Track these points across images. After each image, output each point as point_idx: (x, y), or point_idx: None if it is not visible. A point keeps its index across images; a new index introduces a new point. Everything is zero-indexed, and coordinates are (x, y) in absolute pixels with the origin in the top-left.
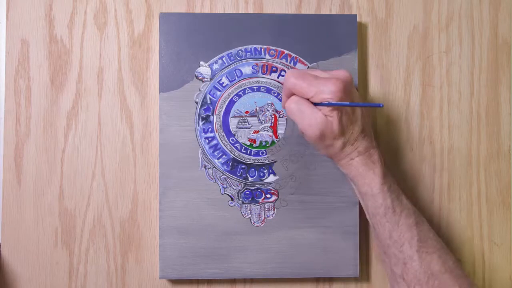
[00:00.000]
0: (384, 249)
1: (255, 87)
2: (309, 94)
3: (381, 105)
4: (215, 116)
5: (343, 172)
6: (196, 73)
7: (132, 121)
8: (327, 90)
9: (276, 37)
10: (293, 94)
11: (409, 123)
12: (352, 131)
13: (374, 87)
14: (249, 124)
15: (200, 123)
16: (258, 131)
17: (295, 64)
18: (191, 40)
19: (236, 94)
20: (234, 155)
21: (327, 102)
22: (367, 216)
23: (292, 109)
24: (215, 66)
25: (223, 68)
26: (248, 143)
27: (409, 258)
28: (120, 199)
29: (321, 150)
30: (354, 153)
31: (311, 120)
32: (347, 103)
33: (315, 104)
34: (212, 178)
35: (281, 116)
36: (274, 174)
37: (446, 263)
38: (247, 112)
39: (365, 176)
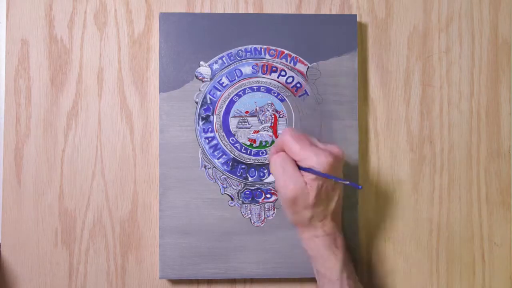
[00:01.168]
0: None
1: (255, 87)
2: (298, 156)
3: (359, 187)
4: (215, 116)
5: (305, 247)
6: (196, 73)
7: (132, 121)
8: (316, 160)
9: (276, 37)
10: (283, 150)
11: (409, 123)
12: (324, 208)
13: (374, 87)
14: (249, 124)
15: (200, 123)
16: (258, 131)
17: (295, 64)
18: (191, 40)
19: (236, 94)
20: (234, 155)
21: (311, 170)
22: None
23: (276, 163)
24: (215, 66)
25: (223, 68)
26: (248, 143)
27: None
28: (120, 199)
29: (288, 214)
30: (320, 231)
31: (290, 181)
32: (329, 175)
33: (301, 168)
34: (212, 178)
35: (281, 116)
36: None
37: None
38: (247, 112)
39: (327, 259)
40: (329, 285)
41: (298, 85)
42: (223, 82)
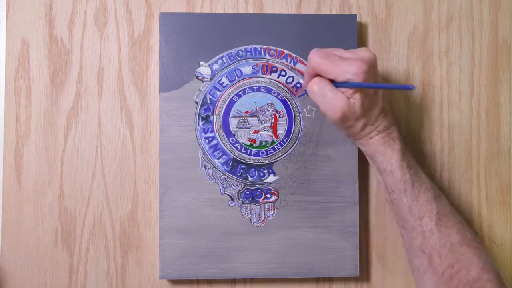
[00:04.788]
0: (402, 223)
1: (255, 87)
2: (333, 74)
3: (412, 87)
4: (215, 116)
5: (361, 148)
6: (196, 73)
7: (132, 121)
8: (352, 71)
9: (276, 37)
10: (316, 74)
11: (409, 123)
12: (373, 112)
13: None
14: (249, 124)
15: (200, 123)
16: (258, 131)
17: (295, 64)
18: (191, 40)
19: (236, 94)
20: (234, 155)
21: (351, 83)
22: (385, 192)
23: (314, 91)
24: (215, 66)
25: (223, 68)
26: (248, 143)
27: (428, 231)
28: (120, 199)
29: (341, 130)
30: (373, 132)
31: (333, 103)
32: (373, 84)
33: (338, 84)
34: (212, 178)
35: (281, 116)
36: (274, 174)
37: (464, 236)
38: (247, 112)
39: (384, 153)
40: (390, 177)
41: (298, 85)
42: (223, 82)
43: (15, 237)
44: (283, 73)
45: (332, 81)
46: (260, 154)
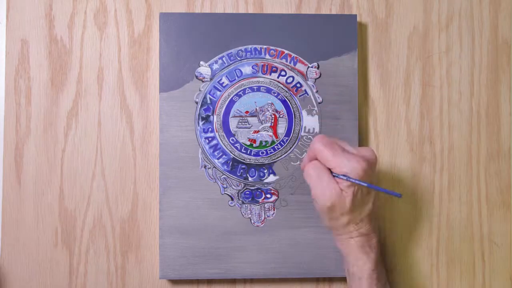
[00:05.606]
0: None
1: (255, 87)
2: (332, 164)
3: (399, 195)
4: (215, 116)
5: (338, 246)
6: (196, 73)
7: (132, 121)
8: (350, 166)
9: (276, 37)
10: (315, 158)
11: (409, 123)
12: (361, 212)
13: (374, 87)
14: (249, 124)
15: (200, 123)
16: (258, 131)
17: (295, 64)
18: (191, 40)
19: (236, 94)
20: (234, 155)
21: (346, 176)
22: None
23: (310, 174)
24: (215, 66)
25: (223, 68)
26: (248, 143)
27: None
28: (120, 199)
29: (324, 220)
30: (355, 233)
31: (326, 190)
32: (366, 183)
33: (335, 175)
34: (212, 178)
35: (281, 116)
36: (274, 174)
37: None
38: (247, 112)
39: (359, 257)
40: (357, 284)
41: (298, 85)
42: (223, 82)
43: (15, 237)
44: (283, 73)
45: (330, 171)
46: (260, 154)
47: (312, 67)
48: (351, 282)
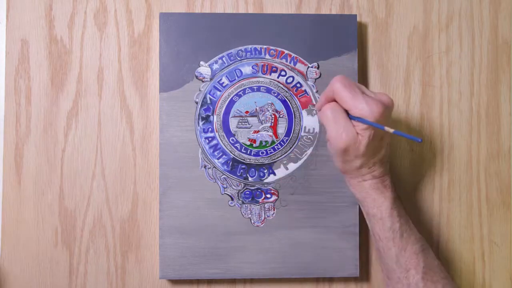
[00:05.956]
0: (388, 273)
1: (255, 87)
2: (350, 104)
3: (419, 140)
4: (215, 116)
5: (352, 191)
6: (196, 73)
7: (132, 121)
8: (368, 109)
9: (276, 37)
10: (333, 99)
11: (409, 123)
12: (374, 156)
13: (374, 87)
14: (249, 124)
15: (200, 123)
16: (258, 131)
17: (295, 64)
18: (191, 40)
19: (236, 94)
20: (234, 155)
21: (364, 119)
22: (373, 239)
23: (327, 115)
24: (215, 66)
25: (223, 68)
26: (248, 143)
27: (414, 285)
28: (120, 199)
29: (337, 162)
30: (367, 175)
31: (342, 132)
32: (383, 126)
33: (352, 117)
34: (212, 178)
35: (281, 116)
36: (274, 174)
37: None
38: (247, 112)
39: (375, 198)
40: (379, 224)
41: (298, 85)
42: (223, 82)
43: (15, 237)
44: (283, 73)
45: (347, 113)
46: (260, 154)
47: (312, 67)
48: (373, 224)
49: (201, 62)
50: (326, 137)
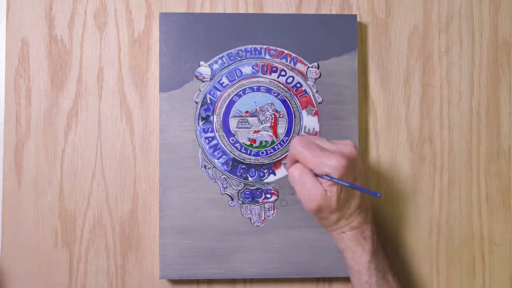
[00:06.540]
0: None
1: (255, 87)
2: (311, 165)
3: (378, 195)
4: (215, 116)
5: (334, 242)
6: (196, 73)
7: (132, 121)
8: (330, 165)
9: (276, 37)
10: (297, 160)
11: (409, 123)
12: (349, 207)
13: (374, 87)
14: (249, 124)
15: (200, 123)
16: (258, 131)
17: (295, 64)
18: (191, 40)
19: (236, 94)
20: (234, 155)
21: (328, 176)
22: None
23: (294, 177)
24: (215, 66)
25: (223, 68)
26: (248, 143)
27: None
28: (120, 199)
29: (315, 220)
30: (346, 227)
31: (311, 193)
32: (347, 183)
33: (318, 175)
34: (212, 178)
35: (281, 116)
36: (274, 174)
37: None
38: (247, 112)
39: (354, 251)
40: (356, 277)
41: (298, 85)
42: (223, 82)
43: (15, 237)
44: (283, 73)
45: (312, 172)
46: (260, 154)
47: (312, 67)
48: (352, 276)
49: (201, 62)
50: (297, 198)
